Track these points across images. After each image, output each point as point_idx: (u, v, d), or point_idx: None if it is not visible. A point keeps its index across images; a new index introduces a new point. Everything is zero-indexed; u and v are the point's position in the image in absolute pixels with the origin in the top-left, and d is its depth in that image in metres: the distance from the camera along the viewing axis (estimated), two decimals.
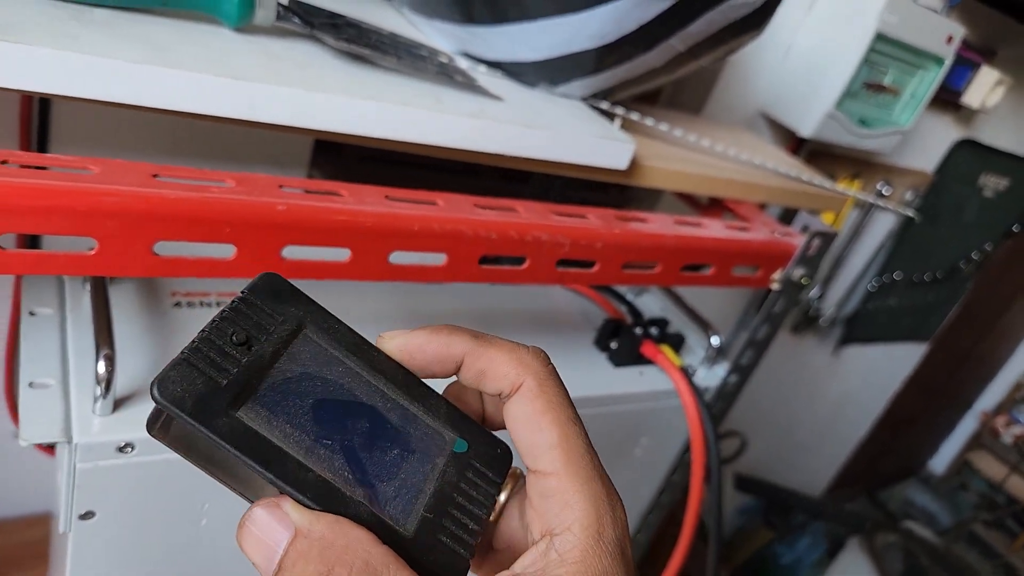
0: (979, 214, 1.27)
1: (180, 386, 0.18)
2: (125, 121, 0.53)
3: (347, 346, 0.21)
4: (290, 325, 0.21)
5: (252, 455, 0.18)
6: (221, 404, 0.18)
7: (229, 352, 0.19)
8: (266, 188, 0.30)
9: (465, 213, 0.35)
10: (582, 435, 0.21)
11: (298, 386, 0.20)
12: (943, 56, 0.84)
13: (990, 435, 1.77)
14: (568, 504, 0.20)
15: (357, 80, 0.34)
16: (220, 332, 0.19)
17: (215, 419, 0.18)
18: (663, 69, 0.47)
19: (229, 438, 0.18)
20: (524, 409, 0.21)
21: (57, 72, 0.26)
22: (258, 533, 0.18)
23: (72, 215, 0.25)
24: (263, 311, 0.20)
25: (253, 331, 0.20)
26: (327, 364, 0.21)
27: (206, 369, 0.19)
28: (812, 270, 0.52)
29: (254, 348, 0.20)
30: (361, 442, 0.20)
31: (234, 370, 0.19)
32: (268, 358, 0.20)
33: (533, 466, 0.21)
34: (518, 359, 0.21)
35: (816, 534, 1.50)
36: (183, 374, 0.18)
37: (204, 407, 0.18)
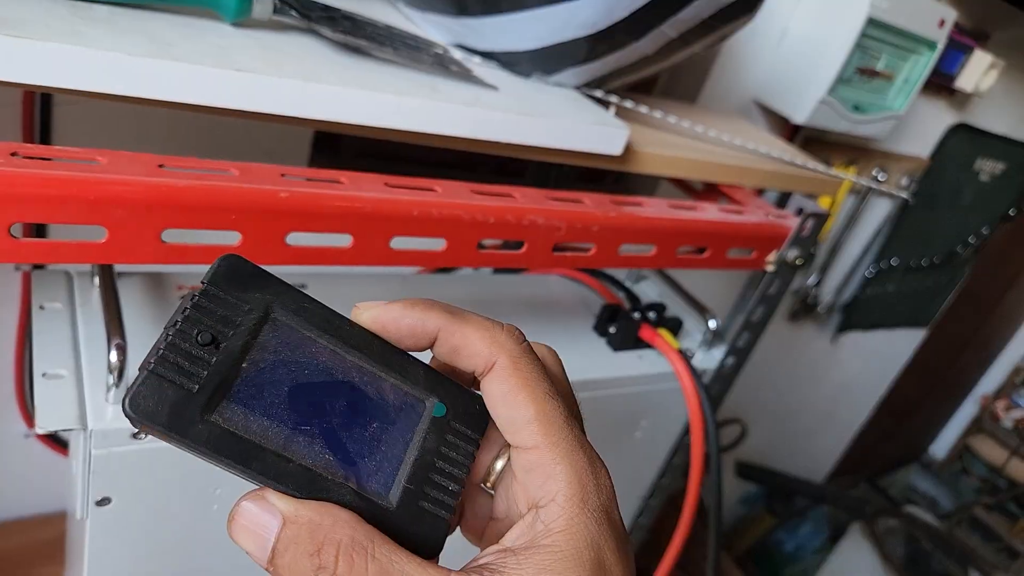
0: (975, 198, 1.27)
1: (152, 400, 0.18)
2: (125, 117, 0.54)
3: (319, 324, 0.21)
4: (257, 312, 0.20)
5: (230, 457, 0.18)
6: (196, 411, 0.18)
7: (196, 355, 0.19)
8: (269, 176, 0.31)
9: (463, 199, 0.36)
10: (559, 408, 0.21)
11: (272, 375, 0.20)
12: (935, 40, 0.84)
13: (990, 419, 1.78)
14: (550, 476, 0.20)
15: (354, 71, 0.35)
16: (184, 335, 0.19)
17: (191, 428, 0.18)
18: (656, 56, 0.47)
19: (206, 444, 0.18)
20: (500, 387, 0.21)
21: (60, 66, 0.26)
22: (248, 525, 0.19)
23: (83, 204, 0.26)
24: (227, 301, 0.20)
25: (219, 326, 0.19)
26: (299, 347, 0.20)
27: (175, 378, 0.18)
28: (806, 251, 0.53)
29: (222, 345, 0.19)
30: (340, 421, 0.20)
31: (204, 373, 0.19)
32: (238, 353, 0.19)
33: (514, 442, 0.21)
34: (491, 337, 0.21)
35: (818, 520, 1.51)
36: (153, 387, 0.18)
37: (178, 418, 0.18)
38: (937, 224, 1.26)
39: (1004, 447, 1.74)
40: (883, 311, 1.36)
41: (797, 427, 1.51)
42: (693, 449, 0.53)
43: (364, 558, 0.18)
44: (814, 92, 0.81)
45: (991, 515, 1.69)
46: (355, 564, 0.18)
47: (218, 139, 0.58)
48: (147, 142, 0.56)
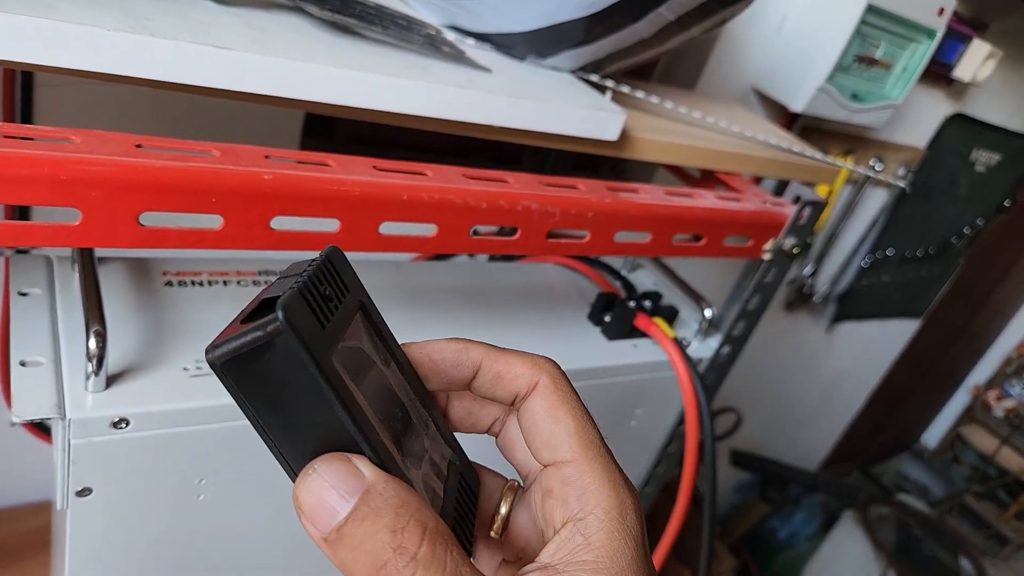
0: (971, 189, 1.27)
1: (301, 316, 0.17)
2: (110, 99, 0.53)
3: (385, 340, 0.21)
4: (354, 300, 0.20)
5: (343, 400, 0.17)
6: (324, 344, 0.18)
7: (327, 301, 0.19)
8: (252, 158, 0.30)
9: (454, 183, 0.35)
10: (595, 427, 0.22)
11: (360, 358, 0.20)
12: (935, 28, 0.83)
13: (982, 409, 1.79)
14: (589, 489, 0.20)
15: (343, 51, 0.34)
16: (318, 280, 0.19)
17: (324, 358, 0.17)
18: (653, 40, 0.46)
19: (332, 380, 0.17)
20: (542, 403, 0.21)
21: (34, 41, 0.25)
22: (327, 483, 0.17)
23: (55, 184, 0.25)
24: (339, 279, 0.20)
25: (338, 291, 0.20)
26: (374, 350, 0.21)
27: (315, 308, 0.18)
28: (803, 240, 0.52)
29: (336, 308, 0.19)
30: (399, 428, 0.21)
31: (327, 320, 0.18)
32: (343, 323, 0.19)
33: (551, 457, 0.21)
34: (532, 361, 0.22)
35: (811, 508, 1.52)
36: (301, 305, 0.17)
37: (317, 343, 0.17)
38: (932, 215, 1.26)
39: (995, 436, 1.76)
40: (878, 301, 1.36)
41: (791, 416, 1.51)
42: (688, 438, 0.52)
43: (445, 550, 0.17)
44: (812, 80, 0.80)
45: (981, 503, 1.70)
46: (436, 553, 0.17)
47: (204, 122, 0.57)
48: (131, 125, 0.54)
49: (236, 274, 0.44)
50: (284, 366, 0.17)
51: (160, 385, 0.34)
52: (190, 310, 0.40)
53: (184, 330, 0.38)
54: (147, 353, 0.36)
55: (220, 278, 0.43)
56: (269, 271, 0.45)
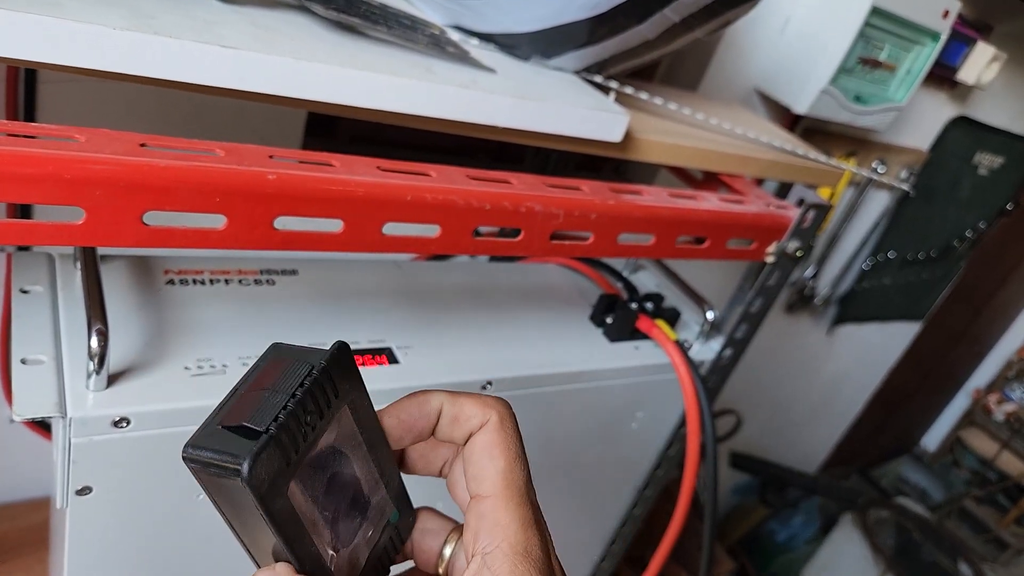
0: (973, 192, 1.27)
1: (265, 468, 0.19)
2: (112, 99, 0.52)
3: (365, 424, 0.23)
4: (344, 402, 0.22)
5: (286, 533, 0.20)
6: (283, 485, 0.20)
7: (303, 429, 0.20)
8: (256, 158, 0.30)
9: (458, 184, 0.35)
10: (524, 469, 0.24)
11: (324, 460, 0.22)
12: (939, 31, 0.83)
13: (982, 412, 1.79)
14: (499, 524, 0.22)
15: (347, 50, 0.34)
16: (303, 407, 0.20)
17: (275, 501, 0.19)
18: (657, 41, 0.46)
19: (277, 519, 0.19)
20: (483, 439, 0.23)
21: (39, 39, 0.25)
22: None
23: (59, 183, 0.24)
24: (334, 386, 0.21)
25: (324, 407, 0.21)
26: (348, 439, 0.22)
27: (286, 448, 0.19)
28: (806, 243, 0.52)
29: (316, 426, 0.21)
30: (342, 511, 0.23)
31: (300, 446, 0.20)
32: (319, 433, 0.21)
33: (476, 491, 0.23)
34: (483, 402, 0.24)
35: (810, 511, 1.52)
36: (271, 455, 0.19)
37: (272, 490, 0.19)
38: (934, 217, 1.26)
39: (995, 440, 1.76)
40: (879, 304, 1.36)
41: (791, 418, 1.51)
42: (689, 440, 0.52)
43: None
44: (816, 82, 0.80)
45: (981, 507, 1.70)
46: None
47: (208, 121, 0.57)
48: (135, 123, 0.54)
49: (238, 273, 0.44)
50: (240, 497, 0.19)
51: (161, 384, 0.34)
52: (192, 309, 0.40)
53: (186, 329, 0.38)
54: (148, 352, 0.36)
55: (222, 277, 0.43)
56: (271, 270, 0.45)
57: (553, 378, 0.47)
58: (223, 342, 0.38)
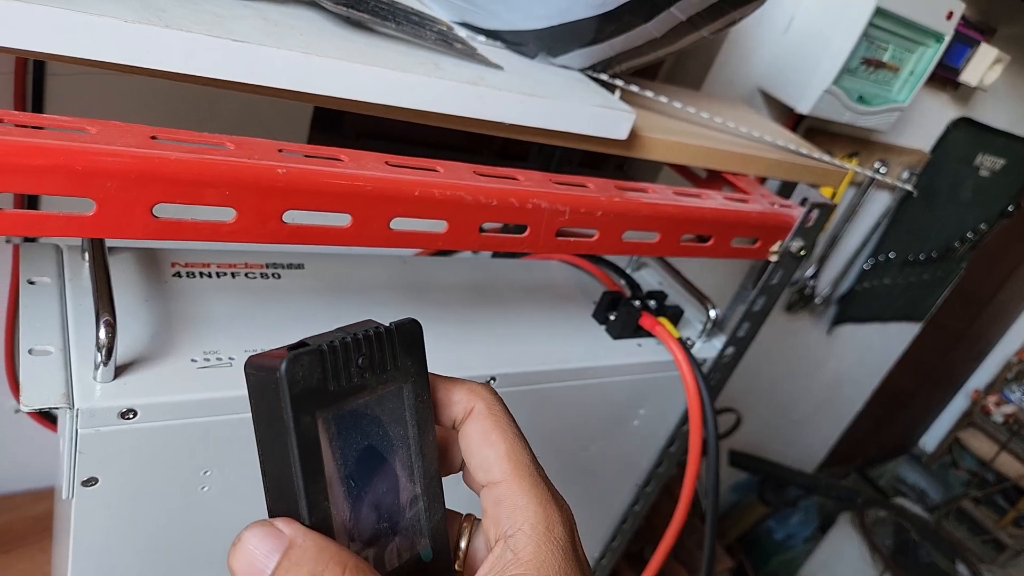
0: (975, 194, 1.27)
1: (304, 371, 0.20)
2: (121, 90, 0.53)
3: (419, 419, 0.23)
4: (399, 375, 0.22)
5: (303, 461, 0.20)
6: (315, 404, 0.20)
7: (351, 368, 0.21)
8: (266, 152, 0.30)
9: (466, 180, 0.35)
10: (527, 448, 0.23)
11: (367, 425, 0.22)
12: (943, 32, 0.83)
13: (981, 414, 1.80)
14: (517, 507, 0.22)
15: (356, 45, 0.34)
16: (357, 347, 0.21)
17: (303, 415, 0.20)
18: (663, 40, 0.46)
19: (300, 437, 0.20)
20: (476, 427, 0.23)
21: (51, 31, 0.25)
22: (252, 547, 0.19)
23: (70, 175, 0.25)
24: (392, 351, 0.22)
25: (376, 362, 0.22)
26: (396, 423, 0.23)
27: (329, 369, 0.20)
28: (810, 242, 0.52)
29: (366, 376, 0.22)
30: (371, 500, 0.22)
31: (343, 384, 0.21)
32: (368, 390, 0.22)
33: (485, 479, 0.23)
34: (468, 388, 0.24)
35: (808, 510, 1.52)
36: (312, 362, 0.20)
37: (304, 399, 0.20)
38: (935, 218, 1.26)
39: (994, 441, 1.76)
40: (879, 304, 1.36)
41: (790, 417, 1.51)
42: (691, 438, 0.52)
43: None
44: (819, 82, 0.80)
45: (979, 508, 1.71)
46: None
47: (215, 115, 0.57)
48: (143, 116, 0.54)
49: (245, 266, 0.44)
50: (275, 404, 0.20)
51: (168, 376, 0.34)
52: (199, 301, 0.40)
53: (192, 321, 0.38)
54: (155, 344, 0.36)
55: (229, 270, 0.43)
56: (277, 263, 0.45)
57: (556, 374, 0.47)
58: (230, 335, 0.38)
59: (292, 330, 0.40)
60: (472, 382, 0.24)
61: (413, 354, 0.23)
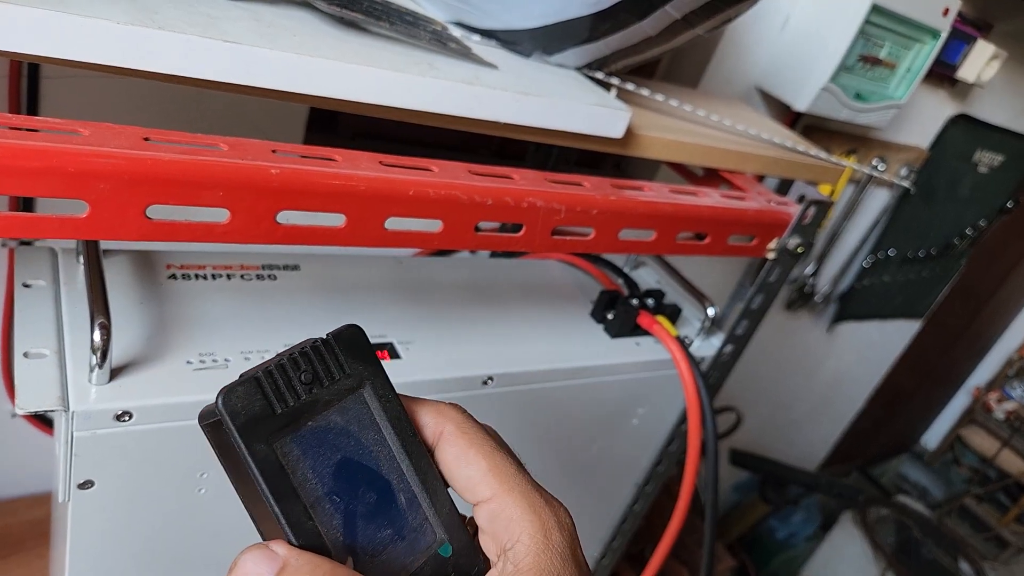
0: (973, 190, 1.27)
1: (242, 402, 0.20)
2: (114, 94, 0.53)
3: (391, 418, 0.23)
4: (353, 381, 0.22)
5: (269, 486, 0.20)
6: (266, 431, 0.20)
7: (294, 386, 0.21)
8: (259, 152, 0.30)
9: (460, 179, 0.35)
10: (509, 458, 0.23)
11: (334, 439, 0.22)
12: (939, 28, 0.83)
13: (982, 411, 1.79)
14: (512, 519, 0.21)
15: (349, 46, 0.34)
16: (295, 365, 0.21)
17: (255, 443, 0.20)
18: (658, 38, 0.46)
19: (259, 465, 0.20)
20: (451, 450, 0.23)
21: (44, 33, 0.25)
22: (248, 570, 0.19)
23: (63, 177, 0.25)
24: (336, 360, 0.22)
25: (322, 374, 0.22)
26: (367, 428, 0.22)
27: (269, 394, 0.20)
28: (807, 239, 0.52)
29: (314, 391, 0.21)
30: (363, 511, 0.22)
31: (291, 403, 0.21)
32: (322, 404, 0.21)
33: (474, 497, 0.22)
34: (436, 411, 0.24)
35: (810, 509, 1.52)
36: (249, 392, 0.20)
37: (252, 428, 0.20)
38: (934, 215, 1.26)
39: (995, 438, 1.76)
40: (879, 302, 1.36)
41: (791, 416, 1.51)
42: (690, 437, 0.52)
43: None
44: (816, 79, 0.80)
45: (981, 505, 1.70)
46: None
47: (210, 117, 0.57)
48: (137, 119, 0.54)
49: (240, 268, 0.44)
50: (228, 441, 0.20)
51: (163, 378, 0.34)
52: (194, 303, 0.40)
53: (188, 323, 0.38)
54: (151, 346, 0.36)
55: (224, 271, 0.43)
56: (273, 265, 0.45)
57: (554, 374, 0.47)
58: (225, 336, 0.38)
59: (288, 331, 0.40)
60: (438, 403, 0.24)
61: (361, 358, 0.22)
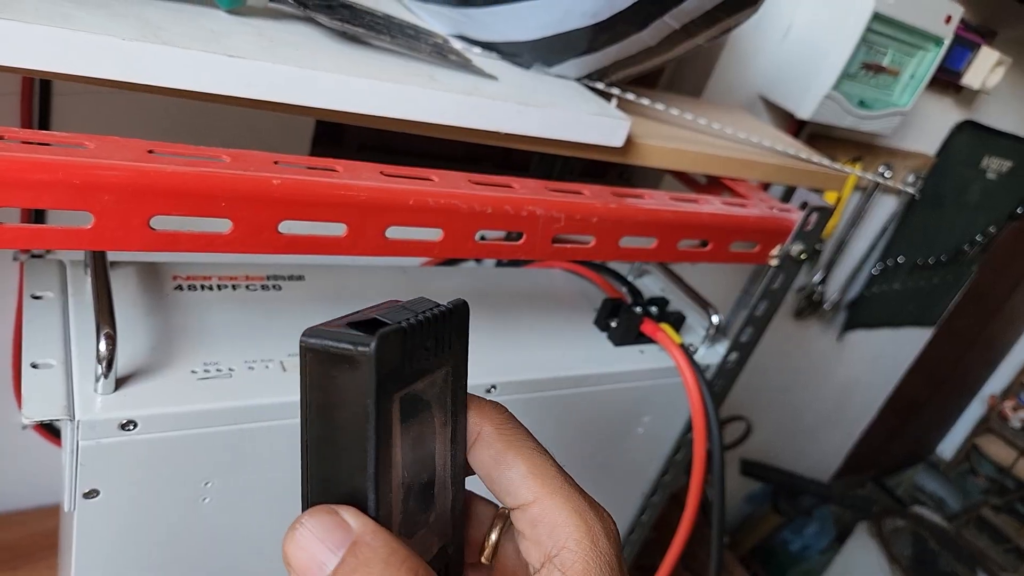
0: (982, 196, 1.26)
1: (391, 350, 0.18)
2: (125, 110, 0.54)
3: (456, 404, 0.22)
4: (448, 357, 0.21)
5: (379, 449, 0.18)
6: (394, 387, 0.19)
7: (421, 349, 0.20)
8: (262, 164, 0.30)
9: (460, 188, 0.35)
10: (550, 460, 0.22)
11: (422, 410, 0.21)
12: (942, 36, 0.83)
13: (998, 419, 1.77)
14: (558, 524, 0.20)
15: (351, 59, 0.35)
16: (427, 327, 0.20)
17: (385, 397, 0.18)
18: (658, 48, 0.47)
19: (379, 419, 0.18)
20: (488, 452, 0.22)
21: (50, 49, 0.26)
22: (314, 536, 0.17)
23: (68, 189, 0.25)
24: (450, 333, 0.21)
25: (439, 343, 0.21)
26: (440, 407, 0.22)
27: (408, 348, 0.19)
28: (811, 246, 0.52)
29: (430, 358, 0.20)
30: (416, 491, 0.21)
31: (414, 366, 0.20)
32: (427, 372, 0.20)
33: (514, 502, 0.21)
34: (478, 409, 0.22)
35: (824, 520, 1.50)
36: (397, 342, 0.18)
37: (388, 380, 0.18)
38: (943, 222, 1.25)
39: (1012, 447, 1.73)
40: (889, 309, 1.35)
41: (803, 425, 1.50)
42: (696, 446, 0.52)
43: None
44: (819, 87, 0.80)
45: (999, 516, 1.67)
46: None
47: (217, 131, 0.58)
48: (147, 134, 0.55)
49: (245, 278, 0.44)
50: (352, 385, 0.18)
51: (168, 388, 0.35)
52: (199, 314, 0.40)
53: (193, 333, 0.39)
54: (156, 356, 0.36)
55: (230, 282, 0.44)
56: (278, 275, 0.46)
57: (557, 382, 0.47)
58: (230, 346, 0.39)
59: (293, 340, 0.41)
60: (480, 400, 0.23)
61: (460, 337, 0.22)
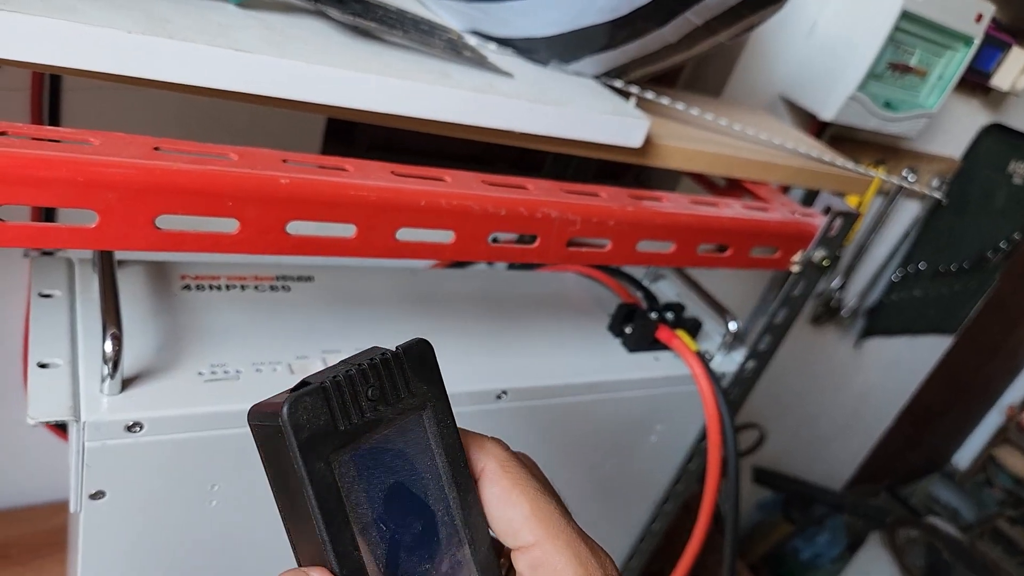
0: (1008, 202, 1.23)
1: (308, 415, 0.19)
2: (135, 106, 0.53)
3: (446, 446, 0.22)
4: (416, 402, 0.21)
5: (323, 510, 0.19)
6: (326, 448, 0.19)
7: (360, 402, 0.20)
8: (269, 162, 0.29)
9: (473, 189, 0.34)
10: (553, 502, 0.22)
11: (390, 461, 0.21)
12: (972, 35, 0.81)
13: (1016, 430, 1.73)
14: (556, 569, 0.20)
15: (362, 54, 0.34)
16: (364, 378, 0.20)
17: (315, 461, 0.19)
18: (679, 45, 0.45)
19: (315, 485, 0.19)
20: (492, 489, 0.22)
21: (55, 43, 0.25)
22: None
23: (72, 186, 0.24)
24: (404, 376, 0.21)
25: (388, 391, 0.20)
26: (421, 454, 0.21)
27: (336, 408, 0.19)
28: (833, 252, 0.50)
29: (379, 409, 0.20)
30: (407, 542, 0.21)
31: (355, 420, 0.20)
32: (384, 423, 0.20)
33: (516, 542, 0.21)
34: (478, 446, 0.22)
35: (836, 529, 1.48)
36: (316, 404, 0.19)
37: (313, 444, 0.19)
38: (967, 228, 1.22)
39: None
40: (909, 317, 1.32)
41: (817, 433, 1.47)
42: (710, 455, 0.51)
43: None
44: (843, 88, 0.78)
45: (1015, 528, 1.64)
46: None
47: (227, 128, 0.57)
48: (156, 131, 0.55)
49: (254, 279, 0.44)
50: (284, 454, 0.19)
51: (175, 389, 0.34)
52: (207, 314, 0.40)
53: (200, 334, 0.38)
54: (163, 357, 0.36)
55: (238, 283, 0.43)
56: (286, 276, 0.45)
57: (570, 388, 0.46)
58: (237, 348, 0.38)
59: (301, 342, 0.40)
60: (481, 437, 0.23)
61: (427, 377, 0.21)
